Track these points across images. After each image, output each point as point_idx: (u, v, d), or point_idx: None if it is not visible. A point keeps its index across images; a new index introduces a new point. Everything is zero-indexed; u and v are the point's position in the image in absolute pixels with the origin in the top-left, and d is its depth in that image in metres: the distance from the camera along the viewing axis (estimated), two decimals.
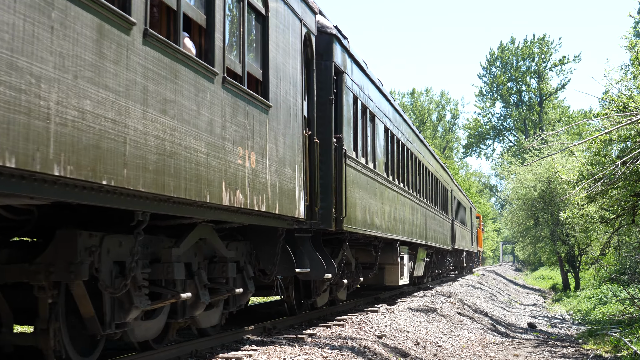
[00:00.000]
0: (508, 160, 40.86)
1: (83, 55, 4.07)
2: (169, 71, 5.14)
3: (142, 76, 4.72)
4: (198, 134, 5.59)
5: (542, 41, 68.76)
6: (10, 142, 3.46)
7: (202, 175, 5.64)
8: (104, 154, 4.26)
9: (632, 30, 26.87)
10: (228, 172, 6.20)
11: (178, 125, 5.25)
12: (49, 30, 3.76)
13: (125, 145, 4.51)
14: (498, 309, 20.30)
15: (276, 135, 7.56)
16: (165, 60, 5.08)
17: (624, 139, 12.40)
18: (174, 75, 5.23)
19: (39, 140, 3.66)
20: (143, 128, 4.74)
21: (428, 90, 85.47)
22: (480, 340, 12.11)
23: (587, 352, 11.01)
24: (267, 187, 7.21)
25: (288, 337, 8.35)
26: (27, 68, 3.58)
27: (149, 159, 4.80)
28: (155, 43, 4.95)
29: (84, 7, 4.08)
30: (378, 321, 10.62)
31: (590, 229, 17.89)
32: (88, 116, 4.09)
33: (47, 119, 3.72)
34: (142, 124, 4.72)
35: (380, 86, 13.83)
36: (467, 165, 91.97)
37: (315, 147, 9.22)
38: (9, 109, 3.46)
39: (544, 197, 29.80)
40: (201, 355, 6.83)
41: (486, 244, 75.86)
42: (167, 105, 5.10)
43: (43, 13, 3.70)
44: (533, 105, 70.19)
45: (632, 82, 13.16)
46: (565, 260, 31.39)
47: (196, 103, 5.58)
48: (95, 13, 4.21)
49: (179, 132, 5.27)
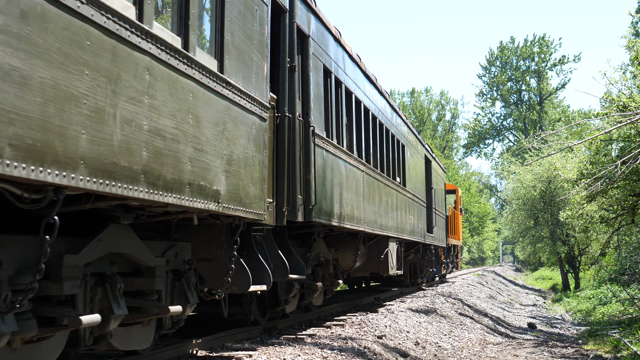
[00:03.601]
0: (508, 160, 40.87)
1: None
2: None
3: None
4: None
5: (542, 41, 68.76)
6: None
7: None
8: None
9: (631, 29, 26.89)
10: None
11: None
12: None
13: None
14: (498, 309, 20.29)
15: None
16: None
17: (624, 139, 12.40)
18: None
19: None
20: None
21: (428, 89, 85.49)
22: (480, 340, 12.10)
23: (587, 353, 11.00)
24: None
25: (288, 337, 8.34)
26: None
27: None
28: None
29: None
30: (378, 321, 10.61)
31: (590, 228, 17.89)
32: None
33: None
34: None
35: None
36: (467, 165, 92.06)
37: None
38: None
39: (544, 197, 29.79)
40: (201, 355, 6.82)
41: (486, 244, 75.82)
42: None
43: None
44: (533, 105, 70.19)
45: (632, 81, 13.17)
46: (565, 260, 31.38)
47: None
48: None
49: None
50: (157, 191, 4.59)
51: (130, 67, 4.29)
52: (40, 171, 3.45)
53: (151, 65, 4.54)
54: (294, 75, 8.20)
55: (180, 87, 4.94)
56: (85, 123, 3.81)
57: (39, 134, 3.44)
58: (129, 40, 4.26)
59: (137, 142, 4.34)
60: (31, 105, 3.39)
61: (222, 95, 5.69)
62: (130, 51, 4.29)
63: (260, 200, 6.58)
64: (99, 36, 3.96)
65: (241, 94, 6.12)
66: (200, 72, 5.25)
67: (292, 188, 7.95)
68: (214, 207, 5.51)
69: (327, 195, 9.10)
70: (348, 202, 10.28)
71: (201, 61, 5.28)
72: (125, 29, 4.22)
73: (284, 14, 8.01)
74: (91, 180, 3.87)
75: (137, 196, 4.37)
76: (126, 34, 4.23)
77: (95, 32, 3.92)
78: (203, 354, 6.91)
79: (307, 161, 8.37)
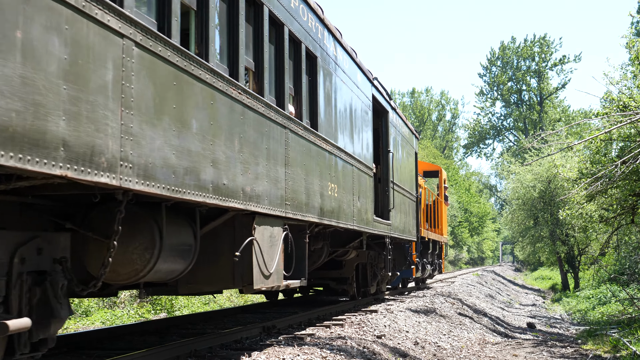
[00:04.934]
0: (508, 160, 40.90)
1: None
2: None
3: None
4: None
5: (542, 41, 68.82)
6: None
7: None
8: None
9: (631, 29, 26.91)
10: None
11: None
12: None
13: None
14: (497, 309, 20.29)
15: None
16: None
17: (624, 138, 12.40)
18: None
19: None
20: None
21: (428, 89, 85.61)
22: (480, 340, 12.10)
23: (586, 352, 11.00)
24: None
25: (287, 337, 8.34)
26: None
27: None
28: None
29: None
30: (377, 321, 10.61)
31: (589, 228, 17.89)
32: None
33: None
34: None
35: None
36: (467, 165, 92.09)
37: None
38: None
39: (544, 197, 29.80)
40: (200, 355, 6.81)
41: (485, 244, 75.79)
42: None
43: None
44: (533, 105, 70.23)
45: (632, 81, 13.17)
46: (565, 260, 31.39)
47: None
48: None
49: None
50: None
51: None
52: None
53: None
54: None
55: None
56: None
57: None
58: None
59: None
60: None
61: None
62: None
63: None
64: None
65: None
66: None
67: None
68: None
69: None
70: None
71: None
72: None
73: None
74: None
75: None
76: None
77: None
78: (203, 353, 6.91)
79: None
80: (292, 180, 7.91)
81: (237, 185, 6.24)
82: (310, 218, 8.51)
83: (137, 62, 4.64)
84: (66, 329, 10.97)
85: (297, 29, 8.35)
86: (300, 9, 8.53)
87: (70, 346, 7.44)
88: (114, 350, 7.12)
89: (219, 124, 5.95)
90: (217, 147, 5.84)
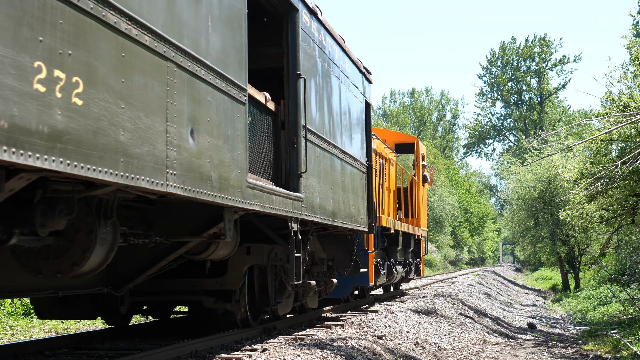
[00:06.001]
0: (508, 160, 40.89)
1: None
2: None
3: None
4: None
5: (542, 41, 68.82)
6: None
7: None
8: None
9: (632, 29, 26.92)
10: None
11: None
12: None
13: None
14: (498, 309, 20.29)
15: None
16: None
17: (624, 139, 12.39)
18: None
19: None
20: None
21: (428, 90, 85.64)
22: (480, 340, 12.10)
23: (587, 353, 11.00)
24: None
25: (287, 337, 8.34)
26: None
27: None
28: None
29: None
30: (378, 322, 10.61)
31: (590, 228, 17.87)
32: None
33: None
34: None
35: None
36: (467, 165, 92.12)
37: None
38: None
39: (544, 197, 29.80)
40: (201, 356, 6.81)
41: (486, 244, 75.80)
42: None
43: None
44: (533, 105, 70.24)
45: (633, 81, 13.16)
46: (565, 260, 31.39)
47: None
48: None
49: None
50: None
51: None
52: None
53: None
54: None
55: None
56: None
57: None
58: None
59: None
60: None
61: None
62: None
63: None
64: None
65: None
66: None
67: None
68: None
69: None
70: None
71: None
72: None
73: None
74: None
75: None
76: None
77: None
78: (203, 354, 6.91)
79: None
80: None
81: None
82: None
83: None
84: (66, 329, 10.97)
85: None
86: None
87: (70, 346, 7.44)
88: (114, 351, 7.12)
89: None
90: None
